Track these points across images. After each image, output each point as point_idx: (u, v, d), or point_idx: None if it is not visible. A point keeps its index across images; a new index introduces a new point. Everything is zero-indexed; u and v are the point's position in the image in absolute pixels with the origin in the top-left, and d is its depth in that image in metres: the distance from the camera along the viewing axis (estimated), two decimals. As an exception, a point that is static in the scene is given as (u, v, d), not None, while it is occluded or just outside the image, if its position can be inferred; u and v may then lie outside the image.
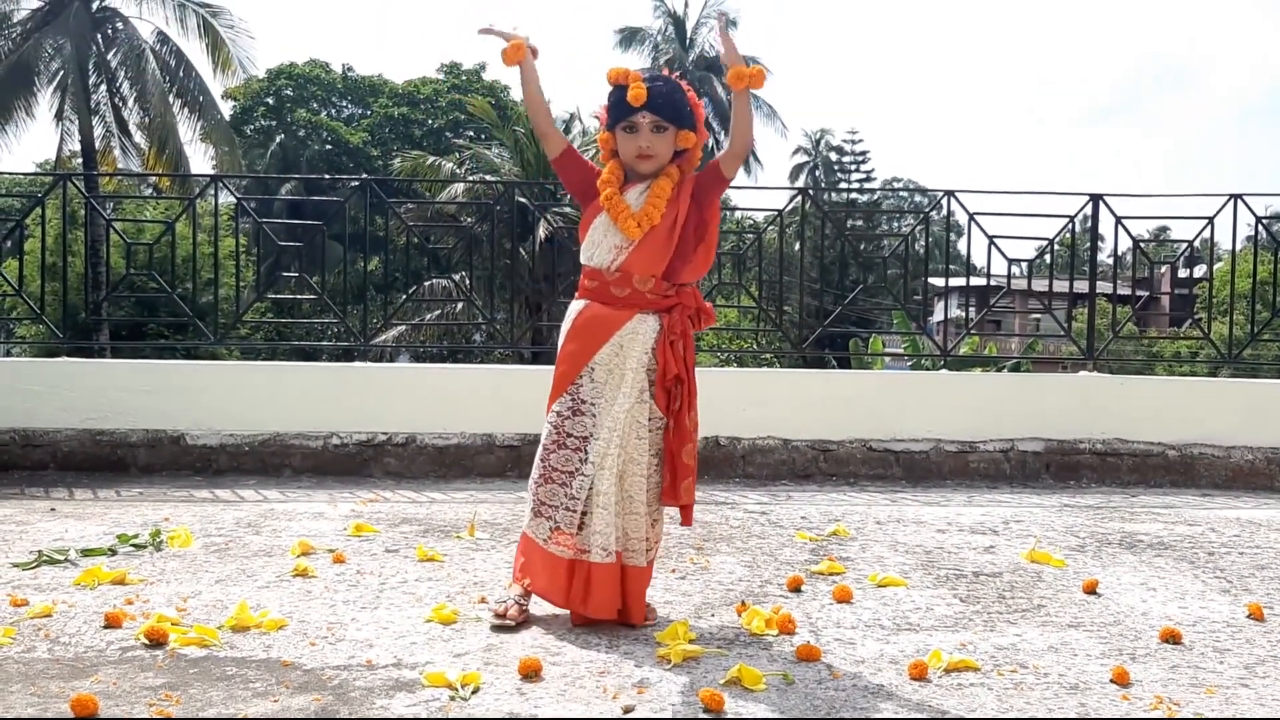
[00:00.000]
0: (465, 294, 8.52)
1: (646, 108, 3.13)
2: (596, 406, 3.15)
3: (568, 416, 3.16)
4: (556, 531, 3.14)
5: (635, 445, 3.15)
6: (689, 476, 3.17)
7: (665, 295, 3.18)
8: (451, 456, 6.13)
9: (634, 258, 3.16)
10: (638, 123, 3.15)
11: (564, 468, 3.15)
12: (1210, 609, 3.49)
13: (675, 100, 3.18)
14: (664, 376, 3.14)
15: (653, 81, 3.17)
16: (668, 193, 3.17)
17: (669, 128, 3.17)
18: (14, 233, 7.04)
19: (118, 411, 6.08)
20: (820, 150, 52.79)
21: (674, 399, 3.16)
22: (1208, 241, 7.05)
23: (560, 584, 3.14)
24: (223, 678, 2.68)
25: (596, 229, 3.20)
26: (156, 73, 25.37)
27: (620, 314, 3.15)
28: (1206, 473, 6.29)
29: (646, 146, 3.16)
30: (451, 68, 43.75)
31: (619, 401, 3.12)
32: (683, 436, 3.16)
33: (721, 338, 24.76)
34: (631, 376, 3.13)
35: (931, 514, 5.15)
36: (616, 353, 3.14)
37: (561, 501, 3.14)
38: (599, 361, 3.15)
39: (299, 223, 8.09)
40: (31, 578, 3.65)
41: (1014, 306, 14.74)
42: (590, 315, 3.17)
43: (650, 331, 3.15)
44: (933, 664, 2.82)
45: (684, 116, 3.19)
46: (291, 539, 4.26)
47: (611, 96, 3.19)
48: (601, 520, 3.11)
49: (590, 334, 3.15)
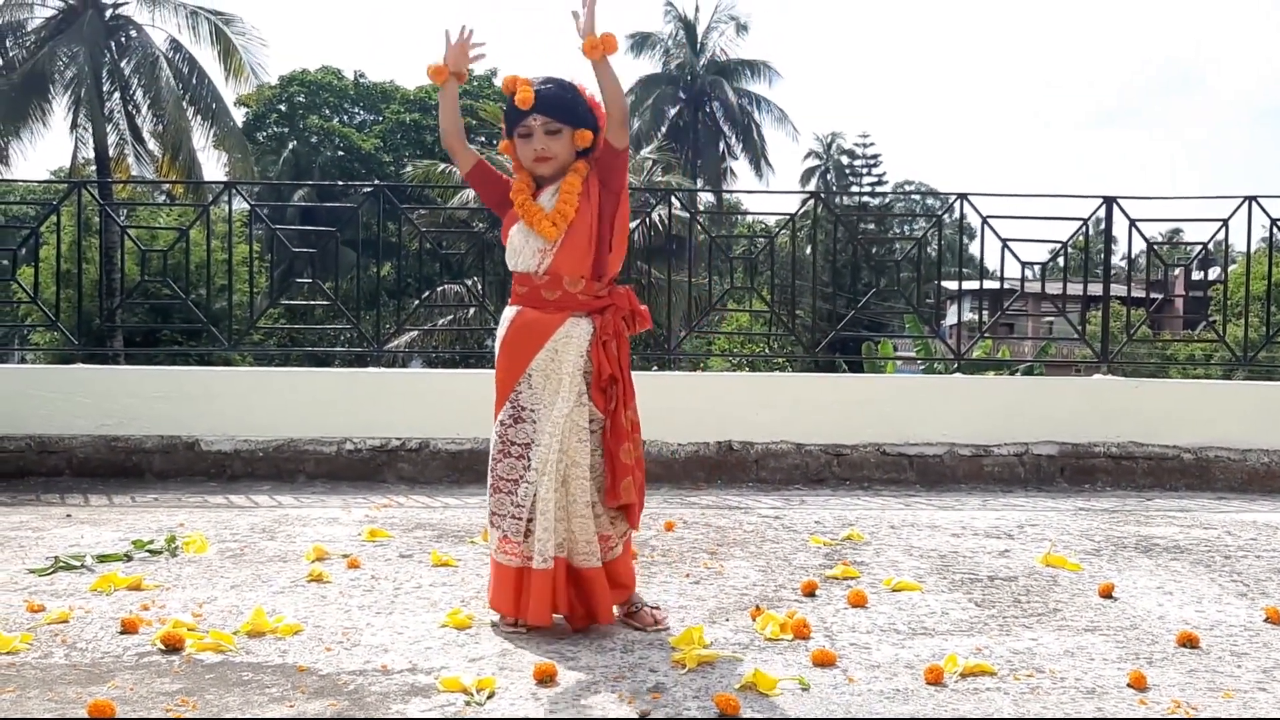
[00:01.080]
0: (477, 299, 8.53)
1: (536, 110, 3.13)
2: (536, 412, 3.15)
3: (510, 425, 3.16)
4: (504, 540, 3.15)
5: (577, 448, 3.14)
6: (627, 475, 3.15)
7: (597, 296, 3.19)
8: (465, 461, 6.13)
9: (559, 258, 3.16)
10: (531, 126, 3.16)
11: (509, 476, 3.15)
12: (1227, 613, 3.48)
13: (566, 99, 3.17)
14: (599, 377, 3.15)
15: (541, 84, 3.16)
16: (578, 188, 3.17)
17: (563, 128, 3.16)
18: (29, 240, 7.08)
19: (132, 417, 6.10)
20: (832, 154, 52.72)
21: (610, 399, 3.17)
22: (1222, 243, 7.01)
23: (509, 593, 3.15)
24: (238, 683, 2.69)
25: (515, 235, 3.20)
26: (170, 80, 25.47)
27: (553, 318, 3.15)
28: (1222, 476, 6.26)
29: (541, 149, 3.16)
30: (463, 74, 43.82)
31: (557, 406, 3.12)
32: (619, 435, 3.16)
33: (734, 342, 24.76)
34: (568, 380, 3.13)
35: (946, 518, 5.13)
36: (552, 358, 3.14)
37: (508, 510, 3.14)
38: (535, 368, 3.15)
39: (312, 229, 8.11)
40: (48, 584, 3.67)
41: (1027, 309, 14.69)
42: (523, 322, 3.17)
43: (584, 334, 3.15)
44: (948, 668, 2.81)
45: (578, 115, 3.18)
46: (306, 544, 4.27)
47: (506, 105, 3.20)
48: (541, 527, 3.10)
49: (524, 341, 3.15)
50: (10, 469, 5.97)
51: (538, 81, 3.17)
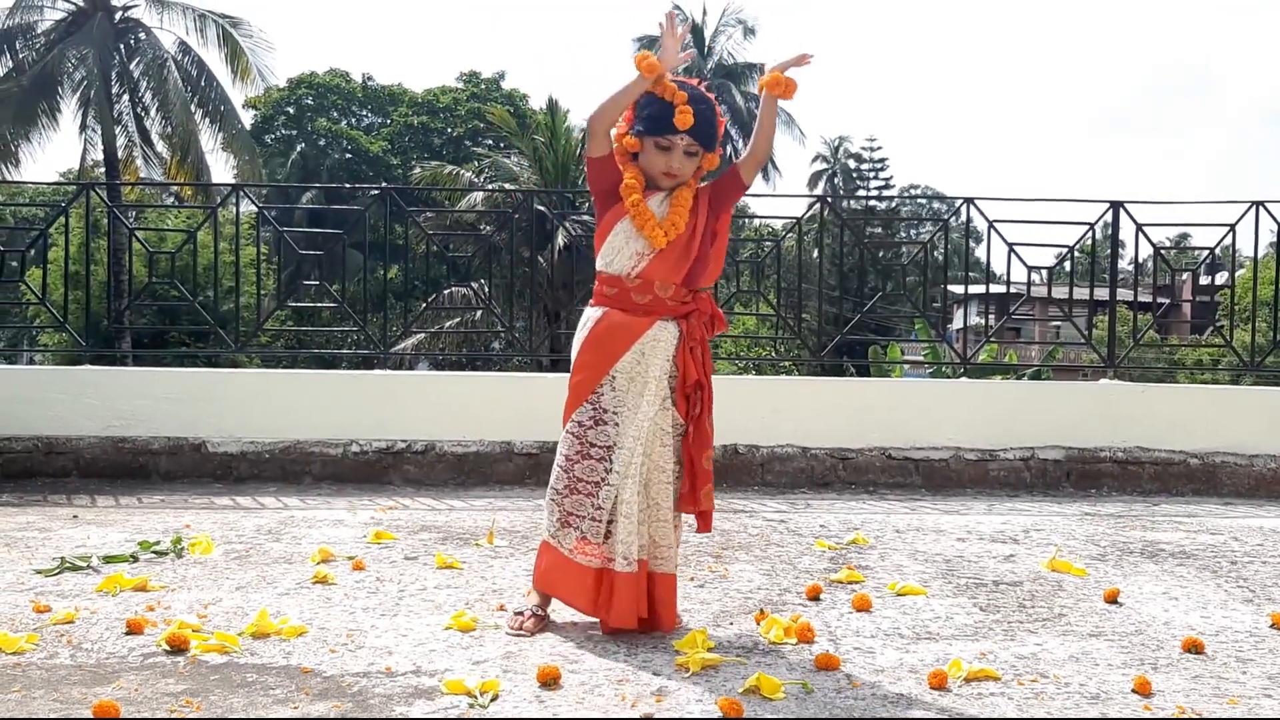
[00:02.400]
0: (484, 302, 8.55)
1: (689, 133, 3.11)
2: (620, 415, 3.12)
3: (590, 426, 3.13)
4: (583, 541, 3.12)
5: (660, 453, 3.13)
6: (709, 482, 3.16)
7: (684, 302, 3.17)
8: (470, 464, 6.14)
9: (655, 265, 3.14)
10: (674, 143, 3.12)
11: (589, 478, 3.12)
12: (1233, 619, 3.47)
13: (713, 125, 3.18)
14: (684, 383, 3.14)
15: (698, 105, 3.13)
16: (689, 202, 3.16)
17: (700, 152, 3.17)
18: (38, 242, 7.11)
19: (139, 419, 6.12)
20: (839, 158, 52.72)
21: (693, 404, 3.15)
22: (1229, 249, 7.00)
23: (588, 591, 3.13)
24: (243, 684, 2.70)
25: (618, 235, 3.17)
26: (178, 82, 25.56)
27: (641, 321, 3.13)
28: (1229, 481, 6.25)
29: (677, 168, 3.15)
30: (470, 77, 43.91)
31: (643, 409, 3.11)
32: (703, 442, 3.15)
33: (740, 345, 24.75)
34: (654, 384, 3.11)
35: (951, 522, 5.13)
36: (639, 360, 3.12)
37: (588, 512, 3.12)
38: (620, 370, 3.12)
39: (319, 231, 8.14)
40: (54, 584, 3.68)
41: (1034, 314, 14.71)
42: (611, 323, 3.14)
43: (671, 338, 3.14)
44: (952, 673, 2.81)
45: (715, 140, 3.19)
46: (311, 546, 4.28)
47: (651, 107, 3.14)
48: (625, 530, 3.08)
49: (612, 342, 3.12)
50: (18, 469, 6.00)
51: (693, 99, 3.12)
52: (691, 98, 3.13)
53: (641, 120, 3.15)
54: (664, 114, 3.11)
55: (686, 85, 3.18)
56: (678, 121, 3.09)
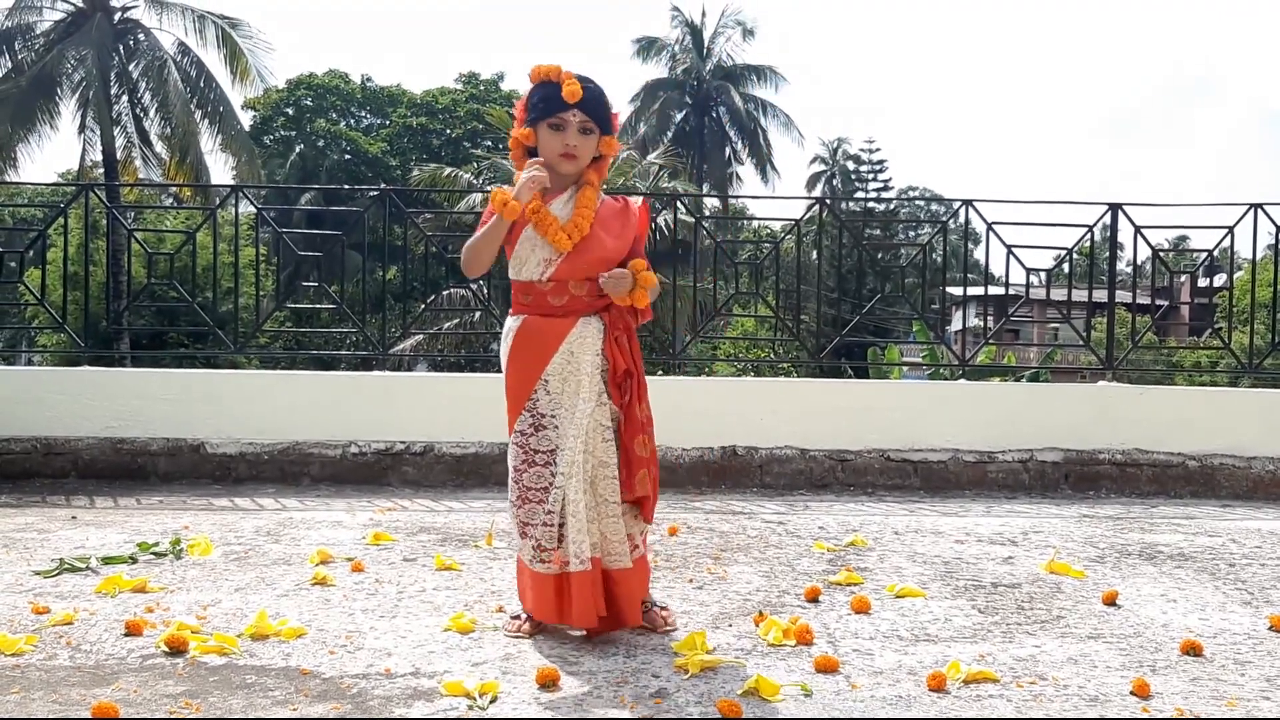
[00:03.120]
0: (483, 303, 8.55)
1: (579, 105, 3.08)
2: (557, 418, 3.11)
3: (530, 434, 3.12)
4: (539, 549, 3.10)
5: (602, 448, 3.11)
6: (643, 468, 3.14)
7: (601, 295, 3.13)
8: (469, 465, 6.14)
9: (565, 267, 3.11)
10: (567, 120, 3.09)
11: (537, 485, 3.10)
12: (1231, 621, 3.47)
13: (604, 104, 3.15)
14: (615, 373, 3.12)
15: (585, 81, 3.12)
16: (594, 203, 3.14)
17: (595, 131, 3.13)
18: (37, 242, 7.11)
19: (138, 420, 6.11)
20: (837, 159, 52.72)
21: (624, 392, 3.14)
22: (1228, 251, 7.01)
23: (550, 601, 3.12)
24: (242, 686, 2.70)
25: (524, 244, 3.13)
26: (178, 83, 25.57)
27: (563, 322, 3.11)
28: (1227, 483, 6.25)
29: (573, 145, 3.11)
30: (469, 78, 43.94)
31: (579, 407, 3.09)
32: (634, 429, 3.14)
33: (739, 347, 24.74)
34: (588, 380, 3.09)
35: (950, 524, 5.13)
36: (568, 360, 3.10)
37: (540, 519, 3.10)
38: (552, 372, 3.11)
39: (318, 233, 8.14)
40: (53, 585, 3.68)
41: (1032, 316, 14.70)
42: (533, 328, 3.12)
43: (596, 333, 3.12)
44: (951, 675, 2.81)
45: (609, 121, 3.17)
46: (310, 547, 4.28)
47: (539, 92, 3.12)
48: (574, 528, 3.07)
49: (537, 346, 3.10)
50: (16, 470, 5.99)
51: (580, 77, 3.11)
52: (578, 76, 3.11)
53: (532, 109, 3.13)
54: (551, 93, 3.09)
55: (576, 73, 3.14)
56: (566, 95, 3.06)
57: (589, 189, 3.16)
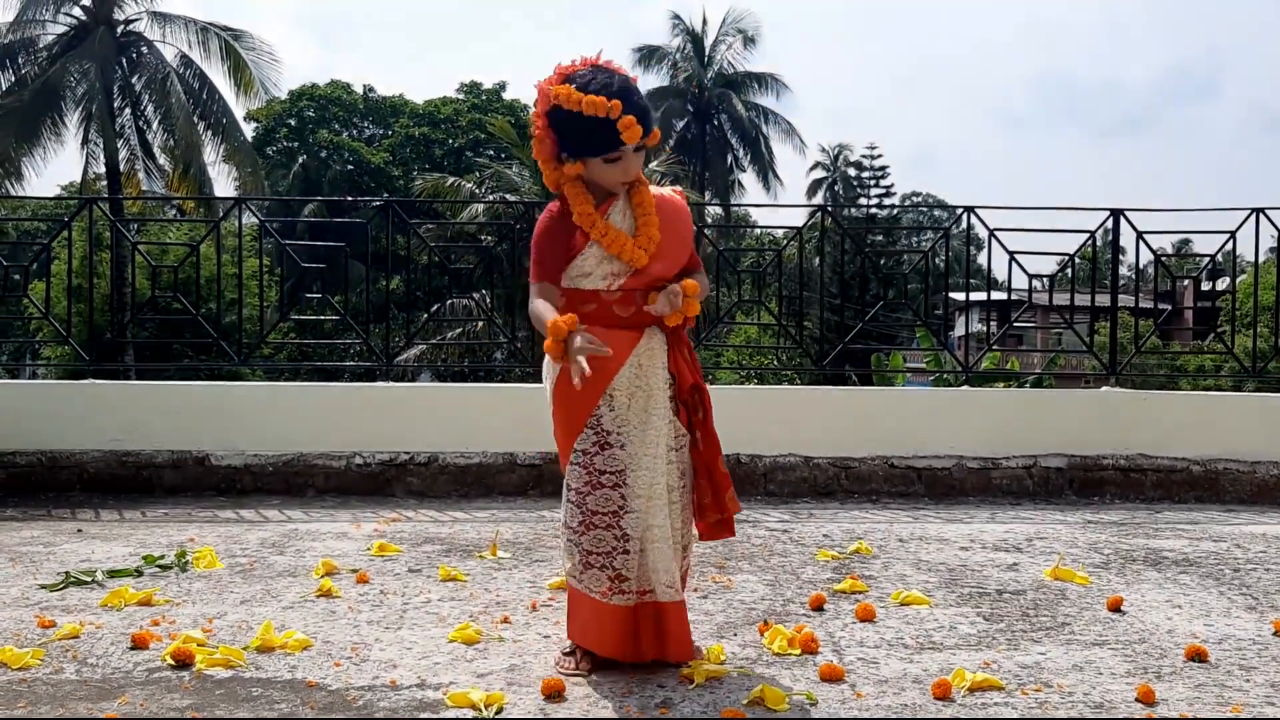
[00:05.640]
0: (486, 313, 8.56)
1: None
2: (624, 435, 2.86)
3: (595, 453, 2.86)
4: (618, 579, 2.83)
5: (668, 471, 2.91)
6: (730, 486, 2.98)
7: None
8: (473, 475, 6.14)
9: (635, 278, 2.90)
10: (625, 153, 2.86)
11: (605, 509, 2.84)
12: (1236, 626, 3.47)
13: (650, 114, 2.91)
14: (682, 389, 2.93)
15: (633, 104, 2.82)
16: (653, 204, 2.92)
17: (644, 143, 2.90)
18: (41, 256, 7.13)
19: (143, 433, 6.12)
20: (838, 166, 52.73)
21: (694, 409, 2.95)
22: (1230, 255, 7.01)
23: (627, 635, 2.87)
24: (248, 699, 2.70)
25: (588, 259, 2.88)
26: (180, 95, 25.62)
27: (630, 334, 2.89)
28: (1231, 488, 6.24)
29: (633, 171, 2.92)
30: (471, 87, 44.02)
31: (652, 424, 2.87)
32: (714, 446, 2.97)
33: (741, 354, 24.73)
34: (660, 395, 2.89)
35: (954, 531, 5.13)
36: (637, 374, 2.88)
37: (613, 545, 2.84)
38: (619, 386, 2.87)
39: (321, 244, 8.16)
40: (59, 599, 3.69)
41: (1035, 321, 14.69)
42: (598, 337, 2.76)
43: (661, 346, 2.93)
44: (956, 683, 2.81)
45: (652, 121, 2.92)
46: (315, 559, 4.28)
47: (592, 125, 2.80)
48: (663, 555, 2.85)
49: (601, 359, 2.74)
50: (21, 484, 6.00)
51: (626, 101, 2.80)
52: (625, 104, 2.80)
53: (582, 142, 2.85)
54: (604, 133, 2.80)
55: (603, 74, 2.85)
56: (626, 139, 2.81)
57: (642, 188, 2.95)
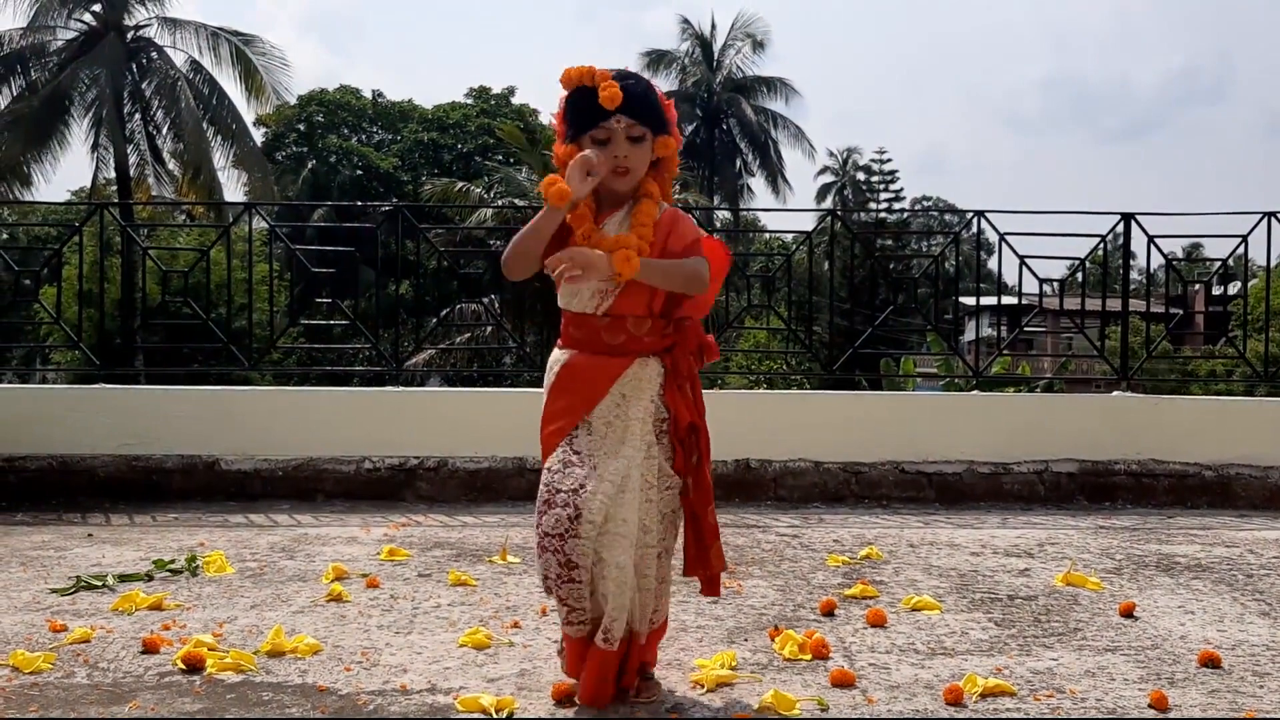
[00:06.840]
0: (495, 318, 8.57)
1: (622, 110, 2.61)
2: (594, 458, 2.64)
3: (558, 471, 2.64)
4: (565, 608, 2.63)
5: (644, 509, 2.68)
6: (718, 540, 2.78)
7: (664, 335, 2.73)
8: (483, 480, 6.14)
9: (623, 299, 2.67)
10: (612, 129, 2.63)
11: (554, 531, 2.58)
12: (1250, 632, 3.45)
13: (651, 101, 2.68)
14: (677, 427, 2.72)
15: (624, 80, 2.65)
16: (653, 219, 2.68)
17: (646, 135, 2.67)
18: (52, 261, 7.15)
19: (153, 437, 6.13)
20: (847, 170, 52.66)
21: (690, 451, 2.75)
22: (1241, 259, 6.99)
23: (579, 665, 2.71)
24: (259, 703, 2.70)
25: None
26: (190, 101, 25.73)
27: (616, 361, 2.68)
28: (1244, 493, 6.21)
29: (624, 158, 2.66)
30: (480, 92, 44.06)
31: (624, 455, 2.65)
32: (705, 494, 2.76)
33: (751, 359, 24.71)
34: (638, 428, 2.67)
35: (965, 536, 5.12)
36: (618, 404, 2.68)
37: (555, 572, 2.58)
38: (596, 415, 2.67)
39: (331, 249, 8.16)
40: (70, 603, 3.69)
41: (1046, 326, 14.65)
42: (580, 364, 2.69)
43: (654, 377, 2.70)
44: (968, 689, 2.80)
45: (662, 120, 2.70)
46: (325, 564, 4.28)
47: (575, 101, 2.67)
48: (613, 603, 2.60)
49: (584, 385, 2.67)
50: (32, 488, 6.01)
51: (618, 75, 2.65)
52: (615, 74, 2.66)
53: (571, 122, 2.70)
54: (587, 102, 2.64)
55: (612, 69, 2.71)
56: (604, 100, 2.60)
57: (647, 202, 2.70)
